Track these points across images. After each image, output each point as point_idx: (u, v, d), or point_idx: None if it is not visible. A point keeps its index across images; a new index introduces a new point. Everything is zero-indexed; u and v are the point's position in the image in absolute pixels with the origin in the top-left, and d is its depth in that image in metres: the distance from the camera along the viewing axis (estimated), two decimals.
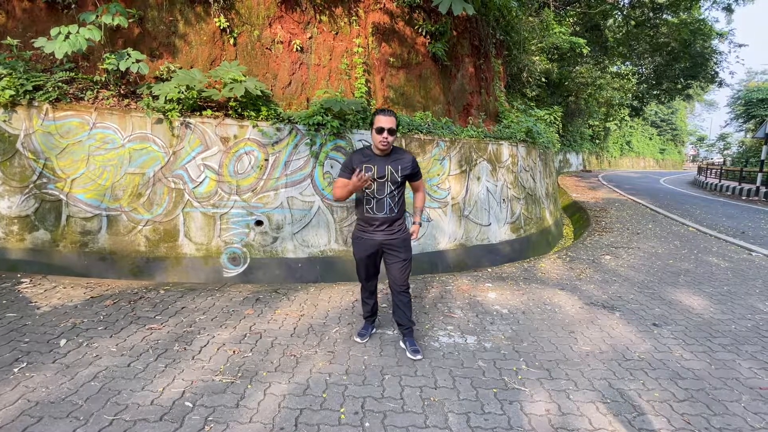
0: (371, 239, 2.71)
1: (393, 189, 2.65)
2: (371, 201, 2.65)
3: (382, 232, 2.69)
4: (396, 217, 2.70)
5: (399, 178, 2.64)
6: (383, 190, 2.63)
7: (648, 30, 16.87)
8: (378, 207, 2.65)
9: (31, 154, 4.19)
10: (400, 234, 2.74)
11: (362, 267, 2.84)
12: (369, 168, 2.59)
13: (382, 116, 2.55)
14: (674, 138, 54.67)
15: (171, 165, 4.36)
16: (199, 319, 3.29)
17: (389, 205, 2.66)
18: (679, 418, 2.22)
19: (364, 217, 2.70)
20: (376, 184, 2.61)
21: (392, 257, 2.73)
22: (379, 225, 2.67)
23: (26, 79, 4.14)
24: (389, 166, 2.62)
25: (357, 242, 2.79)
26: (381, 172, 2.61)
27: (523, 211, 6.85)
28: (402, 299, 2.81)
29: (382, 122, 2.54)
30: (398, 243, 2.72)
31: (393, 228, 2.70)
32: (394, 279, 2.78)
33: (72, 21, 4.40)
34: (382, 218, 2.66)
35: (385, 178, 2.61)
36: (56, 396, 2.20)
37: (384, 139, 2.55)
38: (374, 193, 2.63)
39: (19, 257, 4.19)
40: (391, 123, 2.54)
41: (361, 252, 2.77)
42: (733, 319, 3.64)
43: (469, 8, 4.73)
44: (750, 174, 16.91)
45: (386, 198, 2.64)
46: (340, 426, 2.08)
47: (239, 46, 5.06)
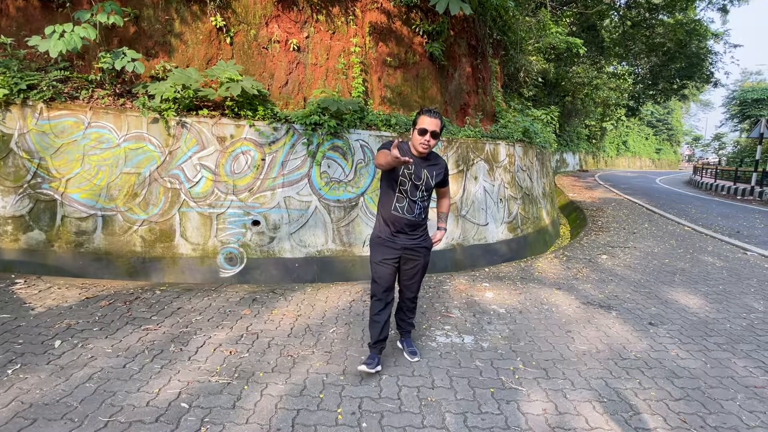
0: (393, 243, 2.52)
1: (425, 194, 2.52)
2: (403, 200, 2.48)
3: (406, 235, 2.52)
4: (422, 222, 2.58)
5: (433, 184, 2.52)
6: (416, 193, 2.48)
7: (644, 30, 16.95)
8: (409, 208, 2.50)
9: (25, 153, 4.15)
10: (423, 241, 2.60)
11: (383, 273, 2.54)
12: (411, 165, 2.44)
13: (427, 117, 2.36)
14: (670, 138, 55.01)
15: (167, 165, 4.34)
16: (196, 319, 3.27)
17: (420, 208, 2.53)
18: (675, 417, 2.23)
19: (390, 215, 2.50)
20: (410, 185, 2.46)
21: (411, 263, 2.58)
22: (403, 227, 2.50)
23: (20, 78, 4.10)
24: (426, 171, 2.48)
25: (378, 245, 2.55)
26: (419, 174, 2.47)
27: (520, 210, 6.86)
28: (409, 305, 2.76)
29: (426, 123, 2.35)
30: (419, 248, 2.58)
31: (416, 233, 2.56)
32: (407, 287, 2.67)
33: (67, 19, 4.37)
34: (410, 221, 2.50)
35: (421, 181, 2.47)
36: (51, 397, 2.19)
37: (426, 142, 2.38)
38: (408, 193, 2.47)
39: (13, 258, 4.15)
40: (436, 125, 2.36)
41: (381, 256, 2.54)
42: (728, 318, 3.66)
43: (466, 8, 4.73)
44: (745, 174, 17.02)
45: (418, 201, 2.51)
46: (337, 426, 2.07)
47: (236, 45, 5.04)
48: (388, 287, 2.58)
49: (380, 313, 2.59)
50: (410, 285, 2.66)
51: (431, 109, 2.41)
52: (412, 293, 2.70)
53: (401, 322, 2.84)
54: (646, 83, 21.38)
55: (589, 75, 18.86)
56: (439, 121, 2.38)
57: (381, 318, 2.59)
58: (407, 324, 2.84)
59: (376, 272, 2.57)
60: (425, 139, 2.37)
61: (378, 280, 2.56)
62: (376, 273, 2.56)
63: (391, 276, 2.57)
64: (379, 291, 2.58)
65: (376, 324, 2.60)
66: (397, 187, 2.47)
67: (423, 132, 2.36)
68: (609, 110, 25.29)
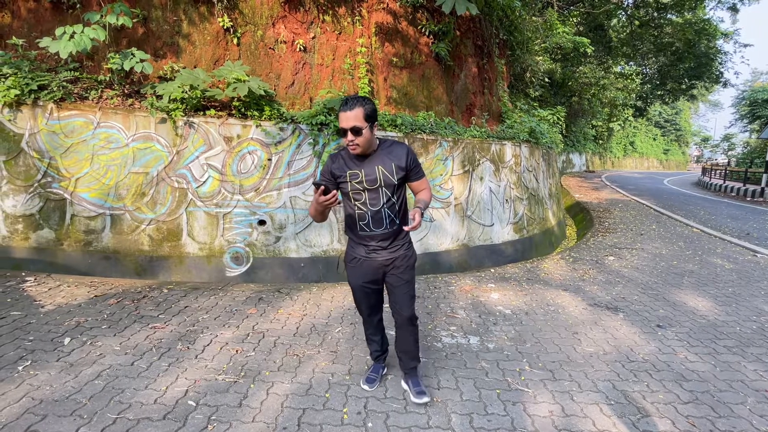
0: (370, 261, 2.14)
1: (390, 195, 2.06)
2: (365, 216, 2.07)
3: (385, 250, 2.13)
4: (398, 230, 2.14)
5: (395, 179, 2.05)
6: (378, 200, 2.04)
7: (652, 30, 16.80)
8: (375, 222, 2.07)
9: (35, 153, 4.21)
10: (404, 250, 2.18)
11: (362, 297, 2.25)
12: (355, 174, 2.03)
13: (342, 113, 1.94)
14: (678, 138, 54.42)
15: (174, 164, 4.37)
16: (202, 318, 3.30)
17: (389, 217, 2.08)
18: (683, 421, 2.20)
19: (358, 236, 2.14)
20: (366, 194, 2.04)
21: (395, 279, 2.18)
22: (377, 243, 2.12)
23: (31, 79, 4.16)
24: (380, 167, 2.03)
25: (352, 266, 2.21)
26: (371, 175, 2.02)
27: (526, 211, 6.83)
28: (408, 331, 2.27)
29: (342, 121, 1.94)
30: (401, 260, 2.17)
31: (394, 245, 2.15)
32: (398, 307, 2.23)
33: (77, 21, 4.42)
34: (382, 235, 2.09)
35: (377, 183, 2.03)
36: (60, 394, 2.21)
37: (351, 142, 1.96)
38: (367, 205, 2.05)
39: (23, 256, 4.21)
40: (354, 119, 1.91)
41: (359, 278, 2.19)
42: (738, 320, 3.61)
43: (473, 8, 4.72)
44: (755, 175, 16.79)
45: (384, 209, 2.06)
46: (342, 426, 2.07)
47: (243, 45, 5.07)
48: (372, 308, 2.31)
49: (374, 332, 2.41)
50: (401, 304, 2.21)
51: (347, 99, 1.96)
52: (403, 316, 2.23)
53: (403, 355, 2.35)
54: (654, 83, 21.19)
55: (596, 75, 18.72)
56: (360, 109, 1.91)
57: (376, 335, 2.42)
58: (410, 358, 2.33)
59: (356, 297, 2.27)
60: (348, 140, 1.96)
61: (362, 307, 2.30)
62: (356, 297, 2.27)
63: (374, 296, 2.27)
64: (365, 316, 2.34)
65: (372, 342, 2.43)
66: (353, 202, 2.07)
67: (342, 133, 1.98)
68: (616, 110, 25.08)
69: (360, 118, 1.92)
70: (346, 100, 1.94)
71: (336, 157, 2.11)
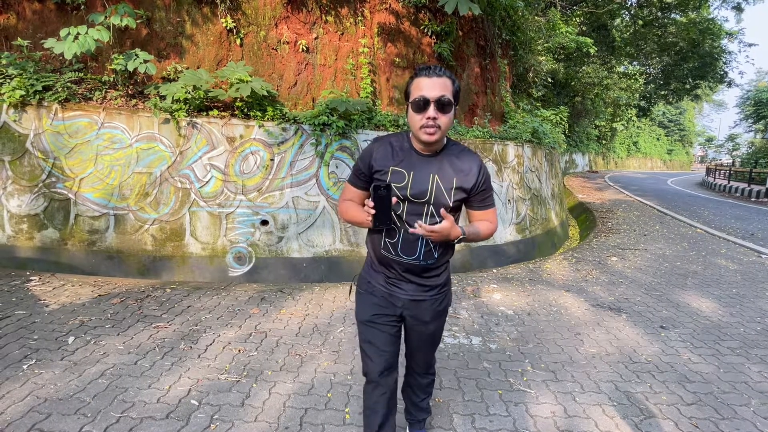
0: (389, 293, 1.55)
1: (437, 219, 1.43)
2: (395, 234, 1.47)
3: (410, 284, 1.53)
4: (432, 265, 1.52)
5: (450, 200, 1.44)
6: (420, 218, 1.44)
7: (656, 29, 16.73)
8: (405, 247, 1.47)
9: (40, 153, 4.24)
10: (437, 291, 1.57)
11: (376, 341, 1.56)
12: (400, 174, 1.43)
13: (425, 78, 1.35)
14: (682, 139, 54.15)
15: (178, 165, 4.39)
16: (205, 317, 3.31)
17: (426, 246, 1.47)
18: (686, 422, 2.19)
19: (379, 255, 1.55)
20: (405, 205, 1.44)
21: (417, 326, 1.61)
22: (401, 273, 1.52)
23: (36, 80, 4.19)
24: (436, 176, 1.44)
25: (364, 295, 1.60)
26: (420, 184, 1.43)
27: (529, 212, 6.81)
28: (420, 381, 1.79)
29: (425, 88, 1.34)
30: (429, 303, 1.57)
31: (426, 282, 1.54)
32: (416, 361, 1.75)
33: (81, 22, 4.45)
34: (408, 265, 1.50)
35: (425, 197, 1.43)
36: (64, 393, 2.23)
37: (429, 121, 1.34)
38: (403, 220, 1.45)
39: (28, 255, 4.24)
40: (443, 88, 1.34)
41: (368, 310, 1.58)
42: (742, 322, 3.59)
43: (475, 8, 4.72)
44: (759, 175, 16.69)
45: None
46: (344, 426, 2.08)
47: (245, 46, 5.08)
48: (387, 366, 1.56)
49: (379, 403, 1.59)
50: (420, 359, 1.74)
51: (430, 66, 1.39)
52: (420, 365, 1.75)
53: (410, 405, 1.87)
54: (657, 83, 21.10)
55: (600, 75, 18.66)
56: (448, 80, 1.37)
57: (380, 408, 1.59)
58: (419, 409, 1.86)
59: (364, 339, 1.59)
60: (428, 115, 1.34)
61: (369, 353, 1.57)
62: (366, 339, 1.58)
63: (391, 344, 1.58)
64: (374, 371, 1.56)
65: (374, 413, 1.60)
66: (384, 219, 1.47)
67: (421, 104, 1.34)
68: (619, 110, 25.00)
69: (449, 89, 1.36)
70: (426, 66, 1.39)
71: (383, 143, 1.51)
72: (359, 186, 1.56)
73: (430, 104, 1.34)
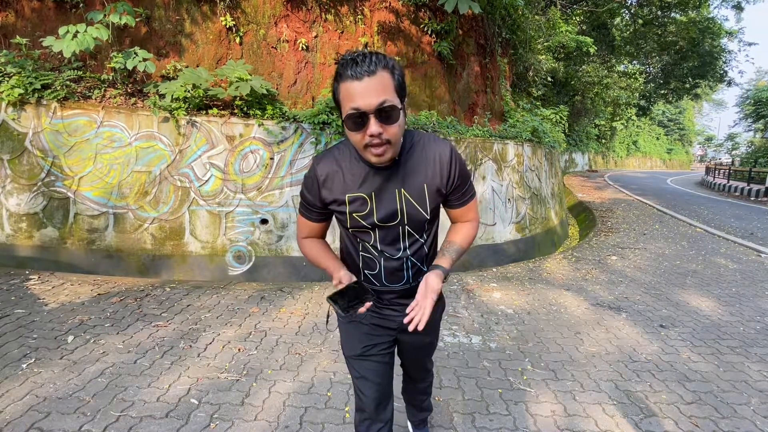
0: (382, 319, 1.37)
1: (417, 236, 1.27)
2: (375, 264, 1.29)
3: (402, 306, 1.32)
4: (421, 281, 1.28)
5: (428, 212, 1.23)
6: (397, 242, 1.26)
7: (656, 29, 16.72)
8: (390, 275, 1.30)
9: (39, 152, 4.23)
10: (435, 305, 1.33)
11: (368, 374, 1.39)
12: (360, 200, 1.20)
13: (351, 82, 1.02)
14: (682, 138, 54.18)
15: (177, 163, 4.39)
16: (205, 316, 3.31)
17: (413, 267, 1.30)
18: (686, 421, 2.20)
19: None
20: (379, 233, 1.24)
21: (414, 343, 1.49)
22: (391, 300, 1.35)
23: (35, 78, 4.18)
24: (403, 191, 1.20)
25: (349, 326, 1.39)
26: (387, 207, 1.20)
27: (529, 211, 6.81)
28: (420, 386, 1.73)
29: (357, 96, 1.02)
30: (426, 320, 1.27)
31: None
32: (413, 370, 1.65)
33: (80, 20, 4.43)
34: (402, 291, 1.33)
35: (397, 219, 1.22)
36: (64, 392, 2.22)
37: (374, 139, 1.06)
38: (378, 248, 1.26)
39: (27, 254, 4.23)
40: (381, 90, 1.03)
41: (357, 344, 1.38)
42: (741, 321, 3.60)
43: (475, 7, 4.71)
44: (759, 174, 16.68)
45: (405, 256, 1.27)
46: (344, 425, 2.08)
47: (245, 45, 5.07)
48: (382, 397, 1.40)
49: None
50: (415, 365, 1.64)
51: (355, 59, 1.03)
52: (419, 374, 1.67)
53: (412, 407, 1.83)
54: (657, 82, 21.10)
55: (599, 74, 18.65)
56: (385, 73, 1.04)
57: None
58: (420, 409, 1.81)
59: (356, 375, 1.40)
60: (369, 132, 1.05)
61: (362, 389, 1.39)
62: (358, 376, 1.39)
63: (386, 375, 1.42)
64: (369, 406, 1.40)
65: None
66: (356, 241, 1.30)
67: (358, 119, 1.05)
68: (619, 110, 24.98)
69: (389, 87, 1.04)
70: (353, 59, 1.03)
71: (327, 163, 1.22)
72: (315, 219, 1.31)
73: (369, 117, 1.03)
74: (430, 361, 1.69)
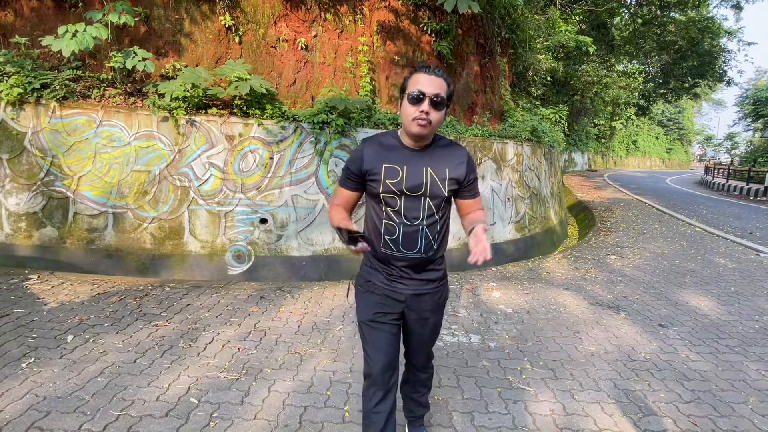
0: (392, 291, 1.57)
1: (434, 210, 1.50)
2: (395, 230, 1.51)
3: (412, 279, 1.56)
4: (433, 257, 1.57)
5: (446, 190, 1.50)
6: (418, 211, 1.49)
7: (655, 28, 16.71)
8: (407, 241, 1.51)
9: (38, 151, 4.22)
10: (436, 283, 1.61)
11: (378, 342, 1.57)
12: (394, 171, 1.47)
13: (423, 75, 1.41)
14: (681, 137, 54.22)
15: (176, 163, 4.38)
16: (204, 316, 3.31)
17: (426, 238, 1.51)
18: (685, 420, 2.20)
19: (380, 255, 1.56)
20: (402, 200, 1.48)
21: (418, 322, 1.63)
22: (402, 269, 1.55)
23: (34, 77, 4.17)
24: (429, 169, 1.49)
25: (364, 294, 1.61)
26: (415, 178, 1.47)
27: (528, 210, 6.82)
28: (420, 375, 1.81)
29: (423, 83, 1.39)
30: (431, 299, 1.60)
31: (426, 276, 1.58)
32: (415, 355, 1.76)
33: (79, 19, 4.43)
34: (411, 259, 1.53)
35: (421, 190, 1.48)
36: (63, 391, 2.23)
37: (422, 115, 1.39)
38: (402, 215, 1.49)
39: (26, 254, 4.23)
40: (439, 87, 1.41)
41: (370, 309, 1.58)
42: (740, 320, 3.60)
43: (475, 6, 4.71)
44: (758, 174, 16.70)
45: (422, 226, 1.50)
46: (344, 424, 2.08)
47: (244, 44, 5.07)
48: (387, 364, 1.57)
49: (380, 404, 1.57)
50: (420, 353, 1.75)
51: (430, 66, 1.47)
52: (421, 360, 1.77)
53: (410, 401, 1.89)
54: (657, 82, 21.11)
55: (599, 73, 18.66)
56: (444, 82, 1.43)
57: (382, 409, 1.57)
58: (417, 405, 1.88)
59: (366, 339, 1.60)
60: (421, 108, 1.39)
61: (371, 353, 1.58)
62: (368, 341, 1.59)
63: (393, 344, 1.59)
64: (375, 370, 1.56)
65: (374, 423, 1.56)
66: (383, 208, 1.52)
67: (417, 98, 1.39)
68: (619, 109, 25.01)
69: (444, 90, 1.43)
70: (426, 65, 1.48)
71: (372, 143, 1.54)
72: (350, 188, 1.58)
73: (426, 99, 1.40)
74: (432, 349, 1.80)
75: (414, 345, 1.73)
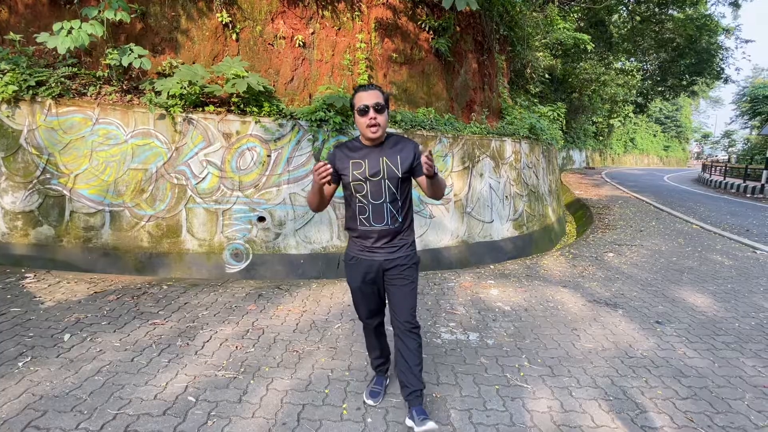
0: (370, 260, 2.04)
1: (393, 190, 1.98)
2: (365, 209, 1.99)
3: (383, 249, 2.03)
4: (399, 228, 2.03)
5: (400, 173, 1.98)
6: (380, 193, 1.97)
7: (653, 26, 16.70)
8: (376, 216, 1.99)
9: (34, 149, 4.20)
10: (406, 250, 2.07)
11: (361, 299, 2.15)
12: (358, 164, 1.97)
13: (362, 92, 1.94)
14: (678, 135, 54.32)
15: (174, 161, 4.36)
16: (202, 314, 3.30)
17: (390, 212, 1.99)
18: (681, 416, 2.21)
19: (358, 230, 2.04)
20: (368, 185, 1.97)
21: (395, 281, 2.06)
22: (377, 240, 2.02)
23: (29, 75, 4.14)
24: (385, 158, 1.98)
25: (351, 265, 2.12)
26: (374, 167, 1.96)
27: (526, 208, 6.83)
28: (410, 343, 2.06)
29: (364, 98, 1.91)
30: (403, 262, 2.05)
31: (395, 243, 2.04)
32: (398, 311, 2.08)
33: (74, 16, 4.40)
34: (381, 230, 2.00)
35: (380, 175, 1.96)
36: (60, 390, 2.22)
37: (371, 121, 1.90)
38: (368, 197, 1.98)
39: (23, 252, 4.21)
40: (377, 97, 1.92)
41: (358, 278, 2.09)
42: (736, 317, 3.62)
43: (473, 3, 4.69)
44: (755, 171, 16.78)
45: (385, 203, 1.98)
46: (342, 422, 2.08)
47: (241, 41, 5.04)
48: (372, 311, 2.20)
49: (374, 335, 2.30)
50: (401, 308, 2.08)
51: (365, 84, 2.03)
52: (405, 322, 2.07)
53: (406, 376, 2.06)
54: (654, 79, 21.10)
55: (597, 71, 18.67)
56: (379, 92, 1.94)
57: (377, 340, 2.32)
58: (413, 378, 2.05)
59: (355, 299, 2.20)
60: (369, 117, 1.90)
61: (359, 308, 2.21)
62: (355, 299, 2.20)
63: (375, 298, 2.16)
64: (363, 316, 2.23)
65: (373, 348, 2.34)
66: (354, 194, 2.00)
67: (364, 110, 1.91)
68: (616, 107, 25.05)
69: (381, 97, 1.94)
70: (363, 84, 2.04)
71: (338, 149, 2.06)
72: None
73: (370, 109, 1.91)
74: (413, 311, 2.09)
75: (397, 300, 2.08)
